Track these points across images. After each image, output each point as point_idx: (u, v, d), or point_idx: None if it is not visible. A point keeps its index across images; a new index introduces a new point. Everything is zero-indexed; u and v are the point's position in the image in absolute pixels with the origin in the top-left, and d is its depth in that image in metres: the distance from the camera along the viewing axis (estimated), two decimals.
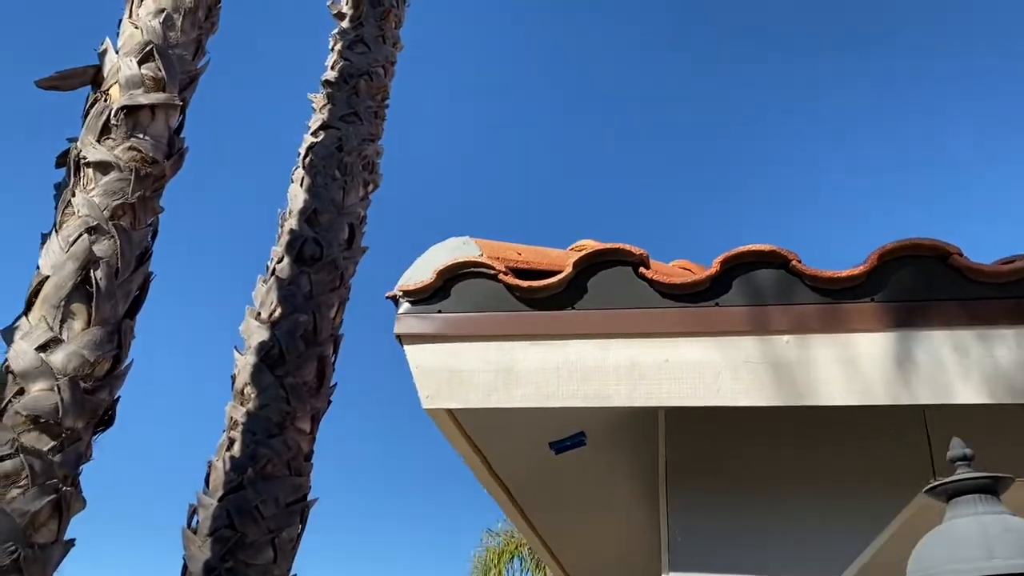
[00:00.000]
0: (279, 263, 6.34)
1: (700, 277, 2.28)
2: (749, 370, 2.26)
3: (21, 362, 3.74)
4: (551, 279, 2.36)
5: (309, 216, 6.55)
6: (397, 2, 8.48)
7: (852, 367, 2.22)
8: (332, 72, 7.73)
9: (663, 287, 2.32)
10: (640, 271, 2.33)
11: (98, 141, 4.31)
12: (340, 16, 8.23)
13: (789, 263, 2.25)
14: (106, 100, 4.43)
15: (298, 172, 7.03)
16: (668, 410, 2.67)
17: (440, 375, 2.40)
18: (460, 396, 2.37)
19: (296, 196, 6.81)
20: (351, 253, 6.61)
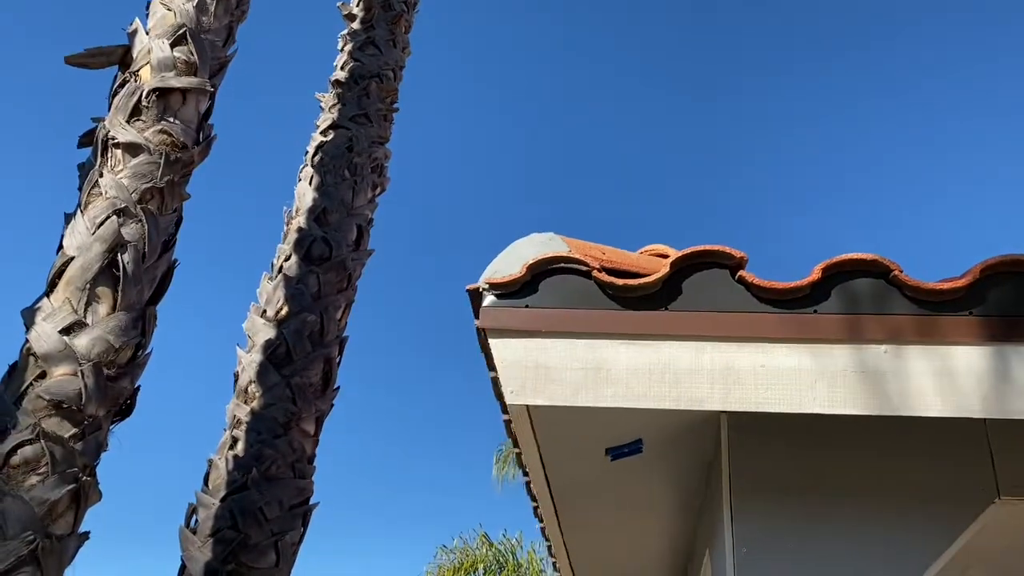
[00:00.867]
0: (287, 261, 6.21)
1: (801, 284, 2.26)
2: (846, 378, 2.23)
3: (44, 344, 3.59)
4: (647, 278, 2.32)
5: (319, 215, 6.44)
6: (407, 7, 8.44)
7: (948, 379, 2.21)
8: (342, 72, 7.64)
9: (761, 291, 2.29)
10: (739, 274, 2.31)
11: (128, 122, 4.18)
12: (351, 17, 8.16)
13: (890, 273, 2.24)
14: (136, 80, 4.31)
15: (306, 170, 6.92)
16: (731, 419, 2.63)
17: (527, 370, 2.34)
18: (547, 392, 2.31)
19: (304, 194, 6.69)
20: (359, 255, 6.50)
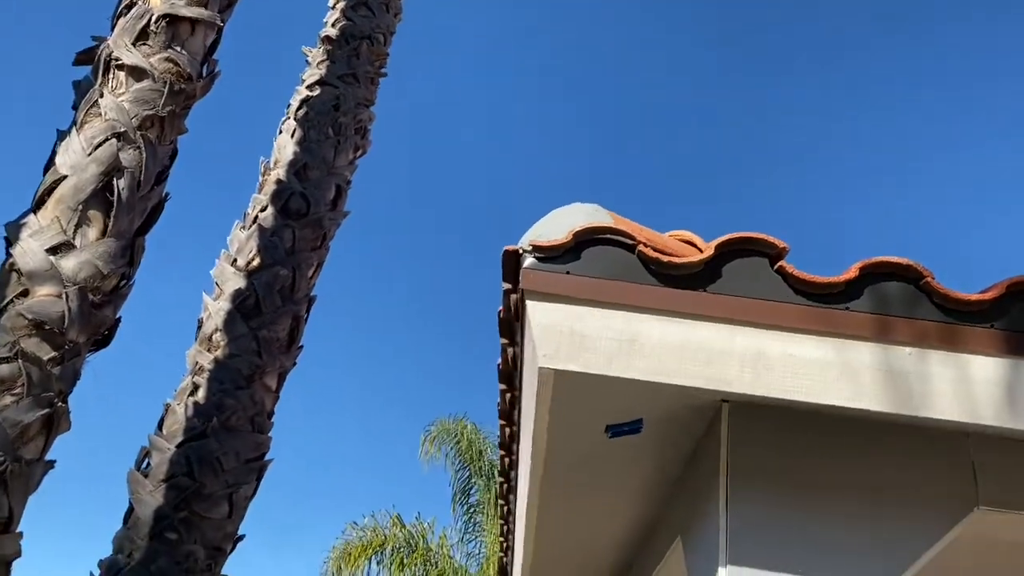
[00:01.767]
0: (263, 211, 6.07)
1: (837, 280, 2.33)
2: (869, 375, 2.31)
3: (29, 262, 3.44)
4: (691, 258, 2.36)
5: (299, 170, 6.32)
6: None
7: (965, 386, 2.31)
8: (333, 29, 7.49)
9: (798, 283, 2.35)
10: (779, 265, 2.36)
11: (133, 45, 4.03)
12: None
13: (923, 279, 2.33)
14: (146, 3, 4.15)
15: (288, 123, 6.77)
16: (732, 405, 2.70)
17: (562, 336, 2.35)
18: (581, 359, 2.33)
19: (284, 147, 6.55)
20: (335, 215, 6.40)
